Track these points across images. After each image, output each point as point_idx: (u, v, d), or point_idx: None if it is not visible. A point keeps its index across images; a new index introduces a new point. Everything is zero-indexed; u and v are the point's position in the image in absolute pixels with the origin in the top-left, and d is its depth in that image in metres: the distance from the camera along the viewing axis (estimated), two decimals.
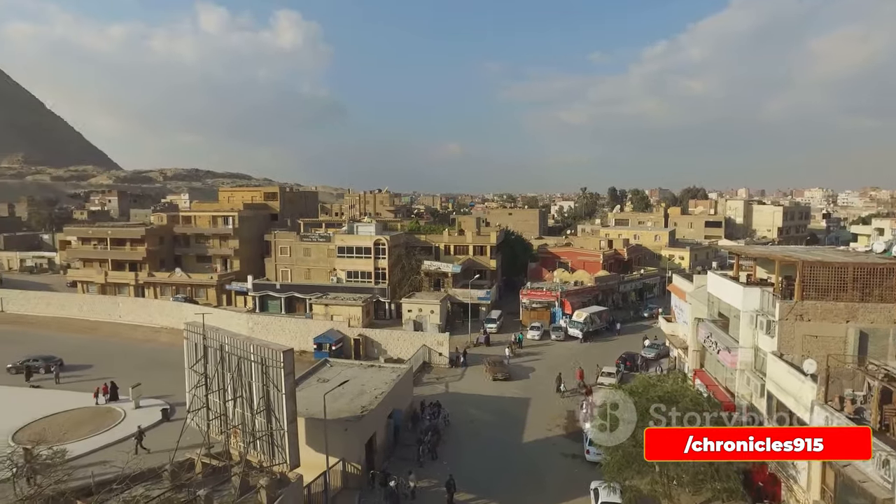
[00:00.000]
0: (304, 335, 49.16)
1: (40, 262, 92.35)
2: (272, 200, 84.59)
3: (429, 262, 63.04)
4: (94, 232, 76.77)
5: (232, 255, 72.15)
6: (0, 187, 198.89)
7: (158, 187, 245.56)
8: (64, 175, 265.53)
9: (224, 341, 24.48)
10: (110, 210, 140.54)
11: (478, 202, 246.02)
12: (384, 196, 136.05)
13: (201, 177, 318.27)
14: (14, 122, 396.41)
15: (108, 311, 61.64)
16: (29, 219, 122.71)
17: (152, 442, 29.72)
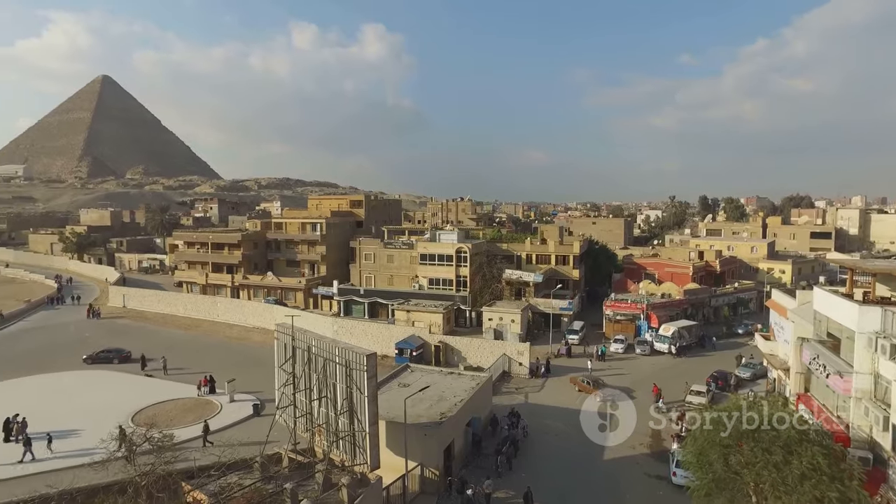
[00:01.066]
0: (386, 340, 50.36)
1: (154, 264, 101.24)
2: (357, 208, 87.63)
3: (510, 271, 62.61)
4: (197, 237, 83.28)
5: (319, 261, 75.40)
6: (124, 196, 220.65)
7: (253, 195, 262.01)
8: (174, 184, 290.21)
9: (311, 343, 25.57)
10: (212, 217, 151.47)
11: (560, 211, 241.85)
12: (466, 204, 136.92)
13: (292, 185, 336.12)
14: (137, 138, 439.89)
15: (207, 310, 66.35)
16: (145, 224, 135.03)
17: (243, 434, 31.48)
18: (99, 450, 26.20)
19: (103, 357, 48.48)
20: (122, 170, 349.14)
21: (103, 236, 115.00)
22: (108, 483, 22.92)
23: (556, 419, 35.69)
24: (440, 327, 54.96)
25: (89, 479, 24.23)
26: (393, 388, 32.18)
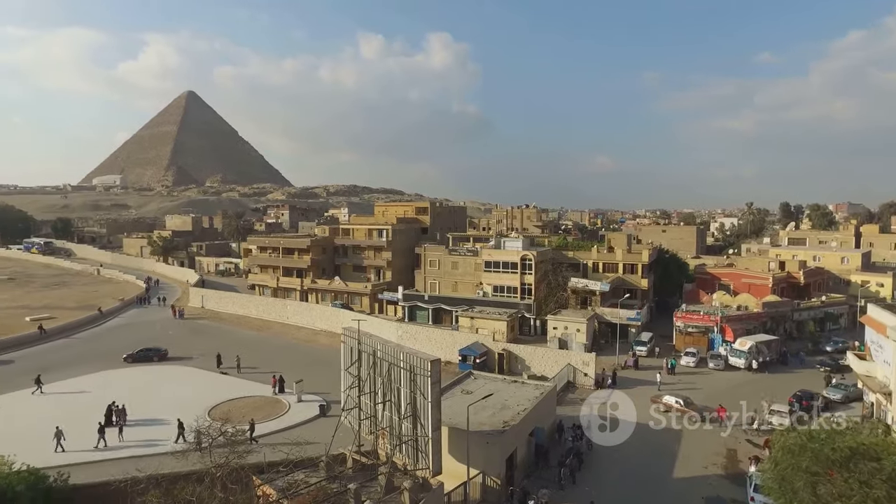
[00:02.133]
0: (450, 346, 50.52)
1: (229, 267, 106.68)
2: (423, 215, 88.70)
3: (576, 280, 61.32)
4: (269, 242, 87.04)
5: (385, 266, 76.81)
6: (204, 203, 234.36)
7: (322, 202, 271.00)
8: (249, 192, 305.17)
9: (376, 347, 26.01)
10: (283, 222, 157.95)
11: (629, 218, 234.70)
12: (531, 211, 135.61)
13: (359, 192, 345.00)
14: (217, 148, 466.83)
15: (278, 313, 69.05)
16: (223, 229, 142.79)
17: (310, 433, 32.33)
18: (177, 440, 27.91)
19: (143, 356, 50.60)
20: (203, 178, 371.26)
21: (185, 240, 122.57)
22: (188, 472, 24.22)
23: (623, 430, 34.40)
24: (504, 335, 54.53)
25: (171, 466, 25.79)
26: (456, 395, 32.17)
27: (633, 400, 39.35)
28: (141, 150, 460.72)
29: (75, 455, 30.61)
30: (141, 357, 50.42)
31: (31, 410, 37.71)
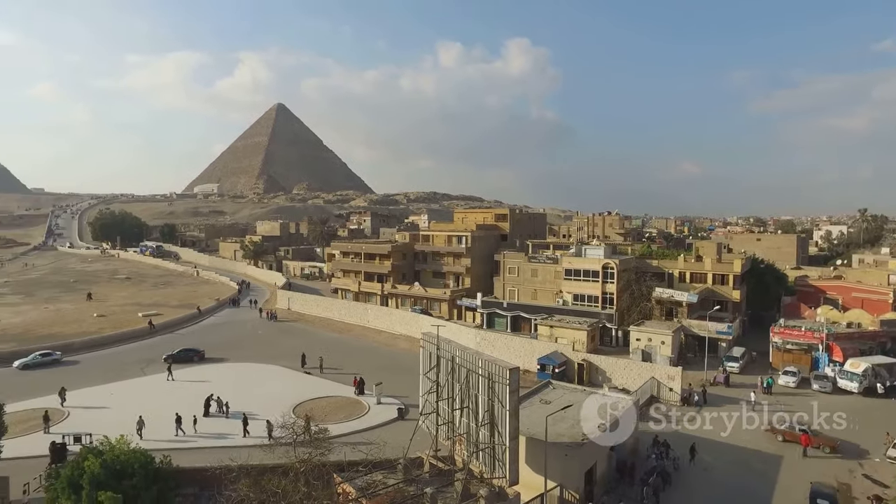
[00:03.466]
0: (529, 355, 49.83)
1: (314, 271, 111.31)
2: (502, 221, 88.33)
3: (661, 290, 58.59)
4: (351, 247, 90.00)
5: (464, 273, 77.15)
6: (291, 210, 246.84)
7: (403, 208, 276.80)
8: (332, 199, 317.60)
9: (455, 353, 26.09)
10: (365, 228, 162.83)
11: (718, 226, 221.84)
12: (613, 218, 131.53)
13: (439, 199, 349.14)
14: (303, 157, 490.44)
15: (359, 316, 71.11)
16: (308, 235, 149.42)
17: (388, 436, 32.84)
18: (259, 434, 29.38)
19: (182, 356, 52.21)
20: (291, 186, 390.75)
21: (274, 245, 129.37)
22: (274, 465, 25.40)
23: (713, 454, 32.37)
24: (584, 345, 53.05)
25: (259, 458, 27.17)
26: (534, 404, 31.61)
27: (727, 419, 36.99)
28: (235, 161, 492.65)
29: (177, 441, 33.26)
30: (181, 357, 52.01)
31: (147, 395, 41.15)
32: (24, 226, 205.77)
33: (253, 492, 22.73)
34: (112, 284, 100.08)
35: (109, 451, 23.94)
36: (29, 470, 28.00)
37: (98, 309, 75.69)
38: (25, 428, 34.79)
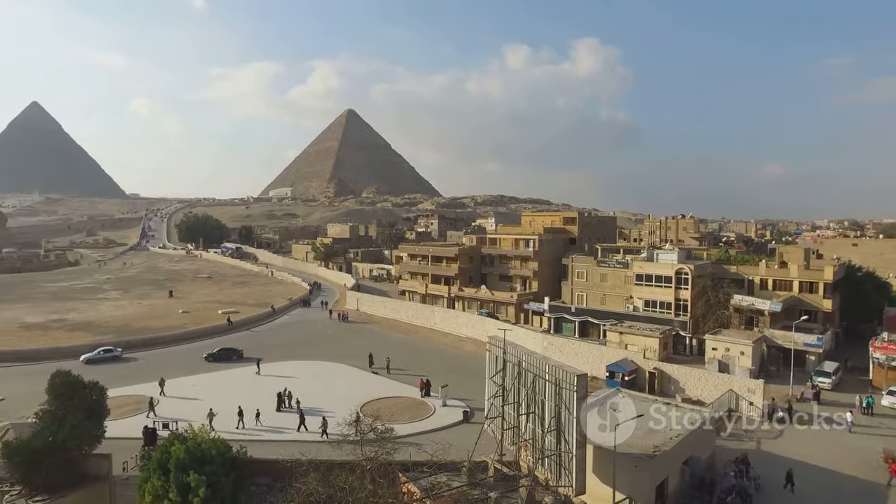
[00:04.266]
0: (597, 361, 48.53)
1: (382, 273, 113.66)
2: (570, 225, 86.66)
3: (740, 297, 55.36)
4: (419, 250, 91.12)
5: (531, 277, 76.25)
6: (360, 213, 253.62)
7: (470, 211, 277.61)
8: (400, 202, 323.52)
9: (522, 358, 25.81)
10: (432, 231, 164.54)
11: (806, 230, 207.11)
12: (688, 222, 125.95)
13: (506, 202, 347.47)
14: (372, 162, 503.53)
15: (426, 318, 71.84)
16: (376, 237, 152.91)
17: (453, 438, 32.93)
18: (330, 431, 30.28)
19: (222, 355, 53.99)
20: (360, 189, 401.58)
21: (343, 247, 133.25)
22: (342, 461, 26.09)
23: (802, 477, 30.06)
24: (656, 353, 51.00)
25: (328, 454, 28.00)
26: (603, 412, 30.66)
27: (818, 440, 34.45)
28: (307, 165, 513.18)
29: (252, 432, 34.92)
30: (221, 356, 53.83)
31: (226, 388, 43.52)
32: (122, 228, 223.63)
33: (321, 486, 23.42)
34: (195, 283, 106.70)
35: (192, 439, 25.51)
36: (127, 450, 30.40)
37: (182, 305, 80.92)
38: (122, 412, 37.64)
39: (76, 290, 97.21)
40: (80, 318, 72.85)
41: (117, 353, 54.36)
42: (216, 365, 52.29)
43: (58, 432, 25.62)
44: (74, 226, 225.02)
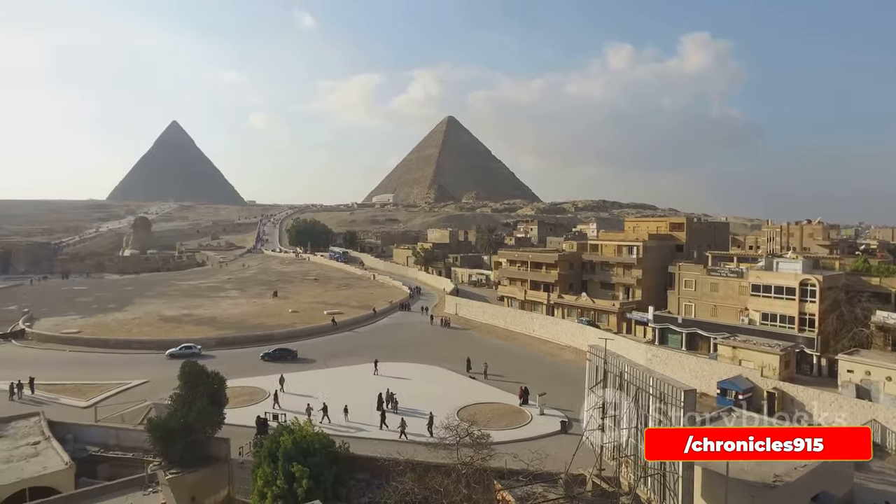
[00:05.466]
0: (706, 377, 45.23)
1: (481, 278, 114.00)
2: (677, 231, 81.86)
3: (885, 314, 48.95)
4: (518, 255, 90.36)
5: (634, 285, 72.90)
6: (460, 218, 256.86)
7: (570, 217, 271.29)
8: (500, 207, 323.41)
9: (624, 369, 24.64)
10: (532, 237, 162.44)
11: None
12: (815, 228, 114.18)
13: (608, 207, 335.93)
14: (472, 168, 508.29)
15: (524, 325, 70.91)
16: (475, 243, 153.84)
17: (550, 448, 32.08)
18: None
19: (278, 355, 55.70)
20: (460, 195, 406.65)
21: (443, 252, 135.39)
22: (437, 464, 26.31)
23: None
24: (776, 371, 46.52)
25: (424, 455, 28.38)
26: None
27: None
28: (408, 172, 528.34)
29: (355, 429, 36.38)
30: (277, 356, 55.61)
31: (329, 384, 45.79)
32: (241, 232, 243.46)
33: (417, 487, 23.76)
34: (303, 284, 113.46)
35: (298, 431, 27.02)
36: (242, 436, 32.94)
37: (292, 305, 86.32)
38: (238, 402, 40.75)
39: (202, 289, 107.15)
40: (206, 313, 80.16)
41: (196, 351, 58.02)
42: (330, 362, 55.06)
43: (187, 415, 28.22)
44: (202, 230, 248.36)
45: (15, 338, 66.45)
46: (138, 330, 69.17)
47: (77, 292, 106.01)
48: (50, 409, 37.20)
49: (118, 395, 44.79)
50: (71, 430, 32.18)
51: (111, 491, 24.41)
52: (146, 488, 24.49)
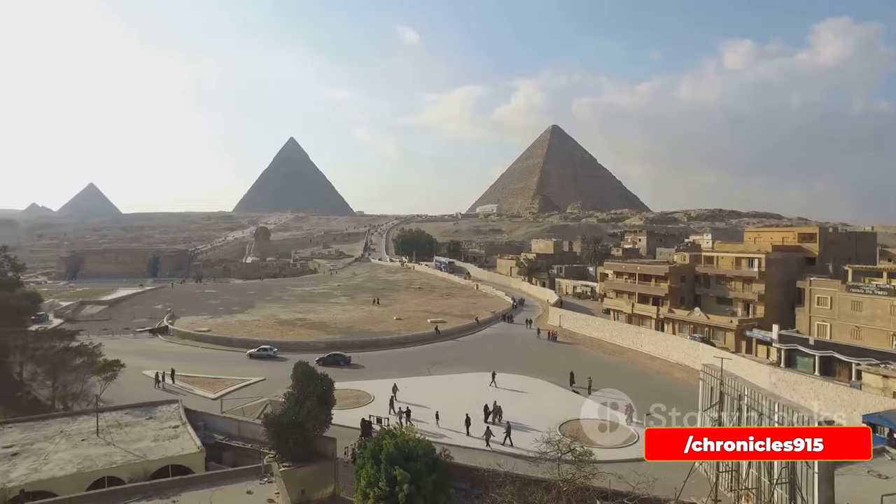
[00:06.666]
0: (847, 408, 40.11)
1: (585, 290, 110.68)
2: (808, 242, 74.08)
3: None
4: (625, 267, 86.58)
5: (755, 301, 66.93)
6: (564, 228, 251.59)
7: (682, 227, 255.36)
8: (606, 217, 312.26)
9: (743, 392, 22.63)
10: (640, 248, 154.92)
11: None
12: None
13: (724, 217, 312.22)
14: (577, 177, 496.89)
15: (631, 339, 67.63)
16: (581, 253, 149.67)
17: (657, 472, 29.98)
18: None
19: (332, 360, 56.72)
20: (564, 205, 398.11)
21: (547, 263, 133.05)
22: (537, 479, 25.69)
23: None
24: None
25: (524, 469, 27.87)
26: (859, 474, 25.07)
27: None
28: (512, 182, 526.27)
29: (458, 438, 36.61)
30: (330, 361, 56.32)
31: (432, 392, 46.59)
32: (350, 241, 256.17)
33: (516, 500, 23.34)
34: (408, 292, 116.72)
35: (401, 436, 27.67)
36: (347, 437, 34.39)
37: (397, 313, 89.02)
38: (345, 404, 42.62)
39: (314, 295, 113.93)
40: (317, 318, 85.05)
41: (272, 353, 61.80)
42: (435, 369, 56.28)
43: (298, 413, 30.04)
44: (314, 239, 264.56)
45: (161, 333, 75.40)
46: (257, 331, 75.12)
47: (208, 295, 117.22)
48: (186, 399, 41.60)
49: (240, 390, 48.89)
50: (202, 418, 35.94)
51: (233, 476, 26.97)
52: (262, 477, 26.49)
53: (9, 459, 28.77)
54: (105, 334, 69.07)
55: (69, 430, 33.21)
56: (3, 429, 33.14)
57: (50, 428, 33.46)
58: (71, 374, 43.30)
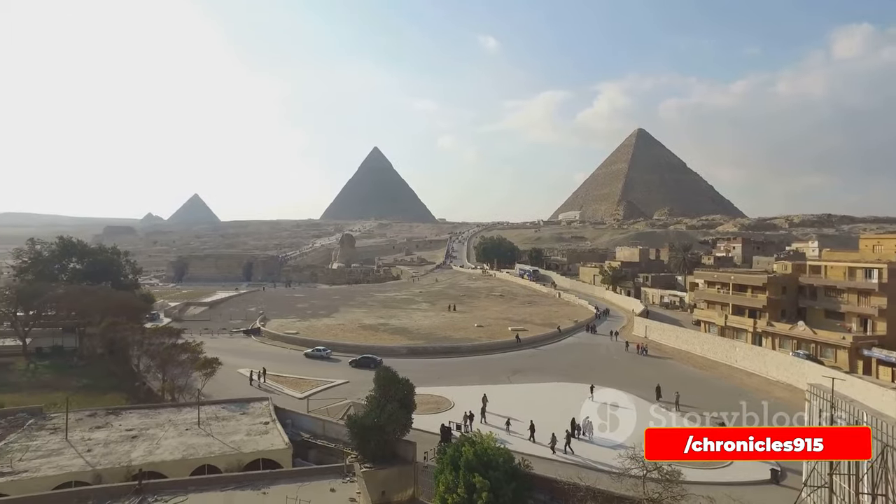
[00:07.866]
0: None
1: (673, 300, 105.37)
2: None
3: None
4: (718, 276, 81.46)
5: (875, 315, 60.40)
6: (650, 235, 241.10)
7: (783, 234, 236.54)
8: (696, 224, 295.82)
9: (862, 418, 20.51)
10: (734, 256, 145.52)
11: None
12: None
13: (835, 222, 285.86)
14: (664, 182, 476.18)
15: (724, 353, 63.39)
16: (668, 262, 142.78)
17: (759, 497, 27.84)
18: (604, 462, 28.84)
19: (364, 362, 58.24)
20: (651, 211, 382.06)
21: (632, 271, 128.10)
22: (620, 495, 24.63)
23: None
24: None
25: (607, 484, 26.84)
26: None
27: None
28: (596, 188, 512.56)
29: (540, 449, 36.14)
30: (363, 363, 58.22)
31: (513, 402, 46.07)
32: (432, 248, 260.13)
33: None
34: (489, 299, 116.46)
35: (480, 443, 27.52)
36: (427, 442, 34.71)
37: (478, 320, 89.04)
38: (425, 409, 42.84)
39: (396, 300, 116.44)
40: (399, 323, 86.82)
41: (326, 354, 64.61)
42: (516, 378, 55.61)
43: (380, 416, 30.73)
44: (397, 246, 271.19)
45: (254, 334, 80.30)
46: (342, 335, 77.80)
47: (296, 299, 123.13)
48: (275, 397, 43.92)
49: (325, 391, 50.81)
50: (290, 416, 37.80)
51: (318, 473, 28.17)
52: (345, 476, 27.34)
53: (129, 441, 32.62)
54: (205, 333, 74.43)
55: (175, 419, 36.58)
56: (126, 414, 37.64)
57: (160, 416, 37.26)
58: (177, 368, 47.62)
